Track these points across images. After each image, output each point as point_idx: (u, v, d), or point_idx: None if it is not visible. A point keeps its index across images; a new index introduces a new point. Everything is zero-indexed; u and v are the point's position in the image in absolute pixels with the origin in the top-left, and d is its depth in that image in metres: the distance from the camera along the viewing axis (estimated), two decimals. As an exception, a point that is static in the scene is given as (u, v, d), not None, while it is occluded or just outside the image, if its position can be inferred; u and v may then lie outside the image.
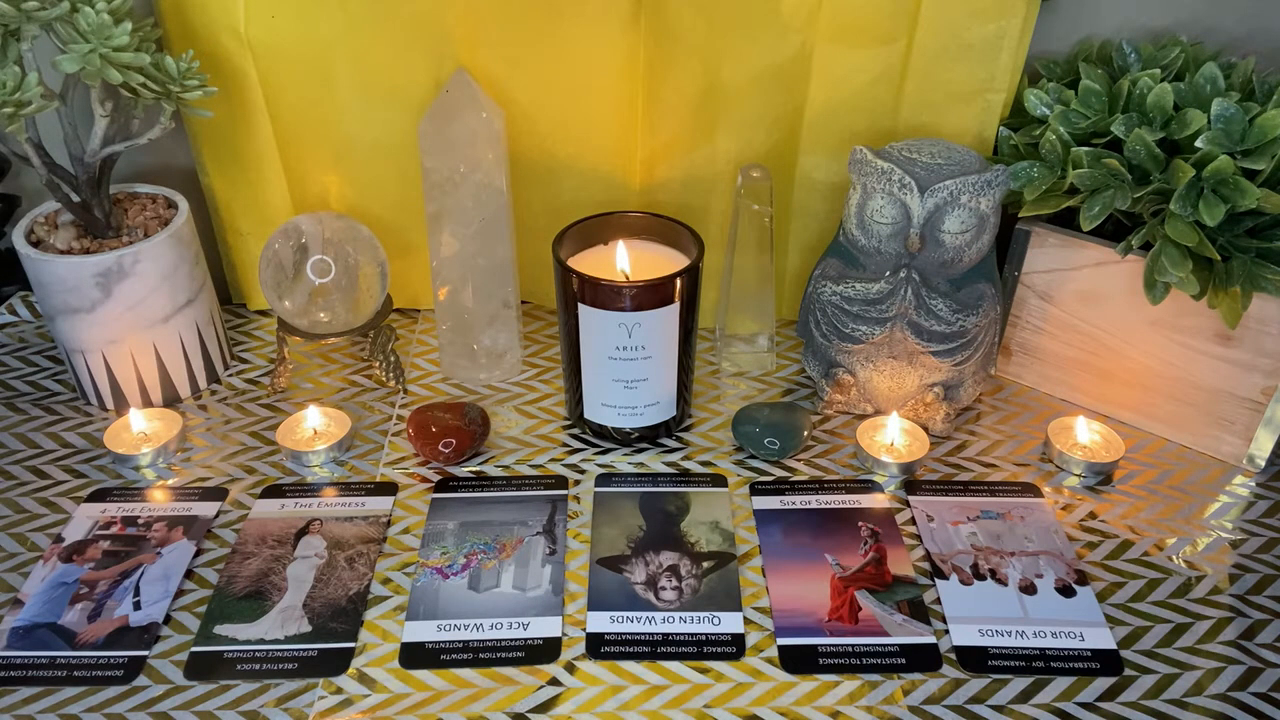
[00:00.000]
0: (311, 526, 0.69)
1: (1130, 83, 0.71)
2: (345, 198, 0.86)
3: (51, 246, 0.75)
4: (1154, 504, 0.72)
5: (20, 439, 0.77)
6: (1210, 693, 0.58)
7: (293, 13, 0.76)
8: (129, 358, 0.77)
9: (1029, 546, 0.68)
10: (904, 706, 0.58)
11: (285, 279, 0.77)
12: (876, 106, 0.80)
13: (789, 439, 0.76)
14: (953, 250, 0.71)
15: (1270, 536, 0.69)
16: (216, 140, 0.83)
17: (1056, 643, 0.61)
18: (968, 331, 0.73)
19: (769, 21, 0.75)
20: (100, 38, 0.65)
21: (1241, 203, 0.65)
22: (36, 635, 0.61)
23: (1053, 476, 0.74)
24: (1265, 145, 0.65)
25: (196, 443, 0.77)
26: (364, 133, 0.82)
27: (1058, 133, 0.72)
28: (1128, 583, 0.66)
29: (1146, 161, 0.68)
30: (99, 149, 0.73)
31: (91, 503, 0.71)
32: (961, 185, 0.69)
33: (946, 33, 0.75)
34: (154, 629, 0.62)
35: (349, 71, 0.79)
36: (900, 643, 0.61)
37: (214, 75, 0.75)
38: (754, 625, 0.63)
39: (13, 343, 0.88)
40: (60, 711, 0.57)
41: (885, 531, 0.69)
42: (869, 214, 0.72)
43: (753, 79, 0.78)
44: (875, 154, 0.71)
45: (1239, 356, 0.71)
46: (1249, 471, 0.75)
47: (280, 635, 0.61)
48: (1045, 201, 0.73)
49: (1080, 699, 0.58)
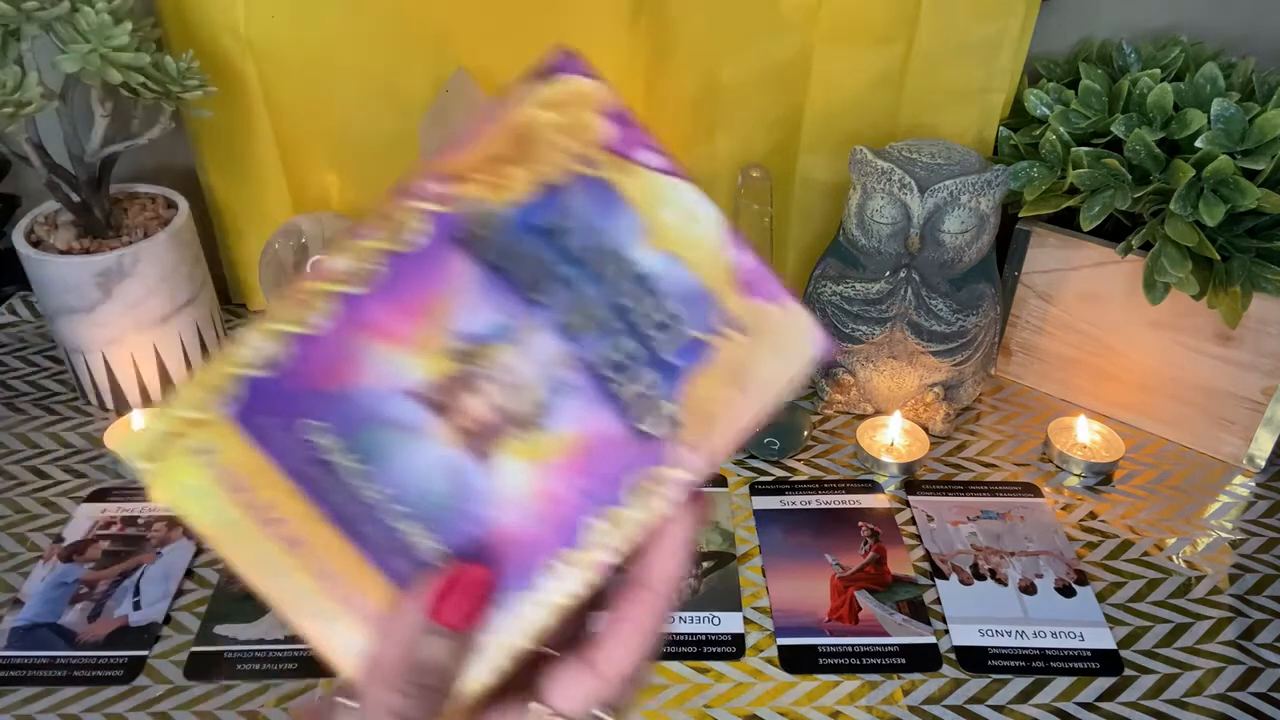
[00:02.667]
0: (311, 526, 0.69)
1: (1130, 83, 0.71)
2: (345, 198, 0.86)
3: (51, 246, 0.75)
4: (1154, 504, 0.72)
5: (20, 439, 0.77)
6: (1210, 693, 0.58)
7: (293, 13, 0.76)
8: (129, 358, 0.77)
9: (1029, 546, 0.68)
10: (904, 706, 0.58)
11: (285, 279, 0.77)
12: (876, 106, 0.79)
13: (789, 439, 0.76)
14: (953, 250, 0.71)
15: (1270, 536, 0.69)
16: (216, 140, 0.83)
17: (1056, 643, 0.61)
18: (968, 331, 0.73)
19: (769, 21, 0.75)
20: (100, 38, 0.65)
21: (1241, 203, 0.64)
22: (36, 635, 0.61)
23: (1053, 476, 0.74)
24: (1265, 145, 0.65)
25: (196, 443, 0.77)
26: (364, 133, 0.82)
27: (1058, 133, 0.72)
28: (1128, 583, 0.66)
29: (1146, 161, 0.68)
30: (99, 149, 0.73)
31: (91, 503, 0.71)
32: (961, 185, 0.69)
33: (946, 33, 0.75)
34: (154, 629, 0.62)
35: (349, 71, 0.79)
36: (900, 643, 0.61)
37: (214, 75, 0.75)
38: (754, 625, 0.63)
39: (13, 343, 0.88)
40: (60, 711, 0.57)
41: (885, 531, 0.69)
42: (869, 214, 0.72)
43: (753, 79, 0.78)
44: (875, 154, 0.71)
45: (1239, 356, 0.71)
46: (1249, 471, 0.75)
47: (280, 635, 0.61)
48: (1045, 201, 0.73)
49: (1080, 699, 0.58)
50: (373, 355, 0.29)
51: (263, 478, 0.29)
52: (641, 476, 0.29)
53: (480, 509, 0.29)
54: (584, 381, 0.29)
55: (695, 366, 0.29)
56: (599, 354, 0.29)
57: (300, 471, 0.29)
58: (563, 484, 0.29)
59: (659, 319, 0.29)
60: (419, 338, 0.29)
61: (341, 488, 0.29)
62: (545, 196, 0.29)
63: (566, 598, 0.30)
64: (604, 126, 0.29)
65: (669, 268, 0.29)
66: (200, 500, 0.29)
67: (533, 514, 0.29)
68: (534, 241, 0.29)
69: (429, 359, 0.29)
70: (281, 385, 0.29)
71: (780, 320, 0.30)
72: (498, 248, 0.29)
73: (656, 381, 0.29)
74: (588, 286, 0.29)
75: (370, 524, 0.29)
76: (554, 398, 0.29)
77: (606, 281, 0.29)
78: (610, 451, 0.29)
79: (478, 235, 0.29)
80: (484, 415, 0.29)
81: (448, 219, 0.29)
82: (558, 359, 0.29)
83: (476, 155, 0.29)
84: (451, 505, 0.29)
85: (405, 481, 0.29)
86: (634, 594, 0.30)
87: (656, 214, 0.29)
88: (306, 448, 0.29)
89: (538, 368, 0.29)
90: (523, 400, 0.29)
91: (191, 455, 0.29)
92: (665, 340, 0.29)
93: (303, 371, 0.29)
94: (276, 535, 0.29)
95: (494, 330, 0.29)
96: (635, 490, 0.29)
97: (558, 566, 0.29)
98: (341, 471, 0.29)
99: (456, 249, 0.29)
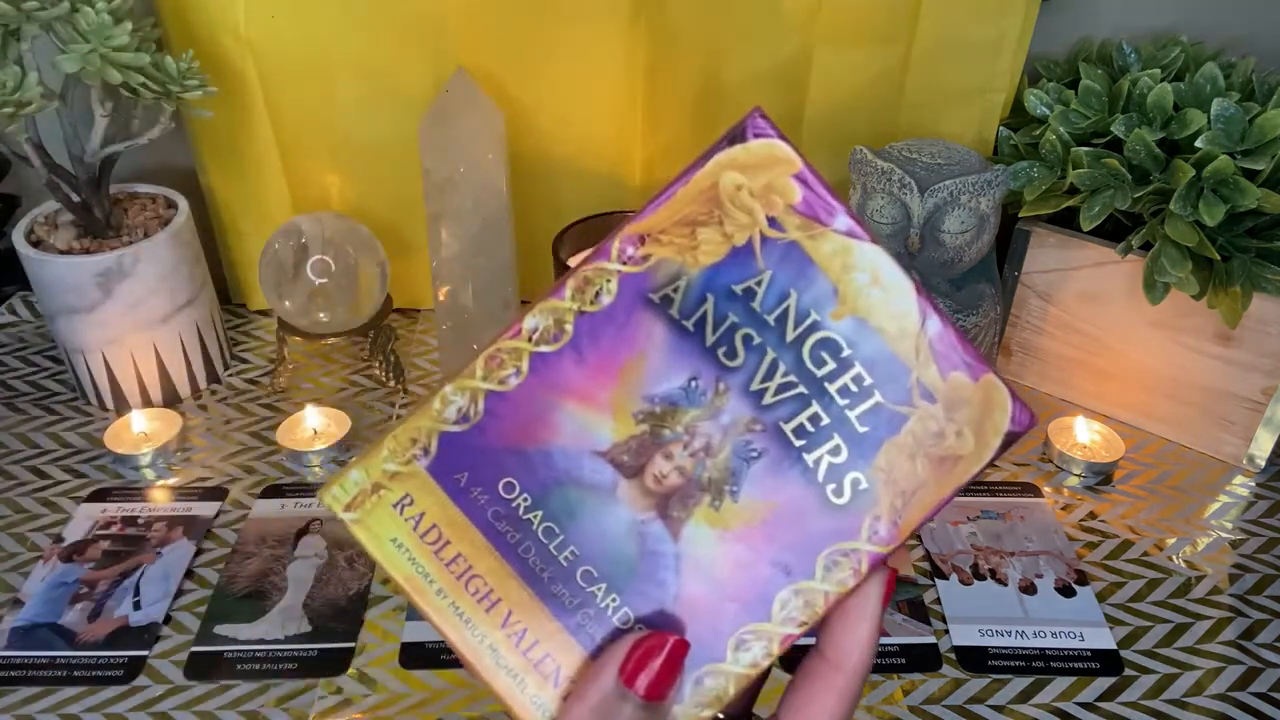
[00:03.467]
0: (311, 526, 0.69)
1: (1130, 83, 0.71)
2: (345, 198, 0.86)
3: (51, 246, 0.75)
4: (1154, 504, 0.72)
5: (20, 439, 0.77)
6: (1210, 693, 0.58)
7: (293, 13, 0.76)
8: (129, 358, 0.77)
9: (1029, 546, 0.68)
10: (904, 706, 0.58)
11: (285, 279, 0.77)
12: (876, 106, 0.80)
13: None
14: (953, 250, 0.71)
15: (1270, 536, 0.69)
16: (216, 140, 0.83)
17: (1056, 643, 0.61)
18: (968, 331, 0.73)
19: (769, 22, 0.75)
20: (100, 38, 0.65)
21: (1241, 203, 0.64)
22: (36, 635, 0.61)
23: (1053, 476, 0.74)
24: (1265, 145, 0.65)
25: (196, 443, 0.77)
26: (364, 133, 0.82)
27: (1058, 133, 0.72)
28: (1128, 583, 0.66)
29: (1146, 161, 0.68)
30: (99, 149, 0.73)
31: (91, 503, 0.71)
32: (961, 185, 0.69)
33: (946, 33, 0.75)
34: (154, 629, 0.62)
35: (349, 71, 0.79)
36: (900, 643, 0.61)
37: (214, 75, 0.75)
38: (754, 625, 0.63)
39: (13, 343, 0.88)
40: (60, 711, 0.57)
41: (885, 531, 0.69)
42: (869, 214, 0.72)
43: (753, 79, 0.78)
44: (875, 154, 0.71)
45: (1239, 356, 0.71)
46: (1249, 471, 0.75)
47: (280, 635, 0.61)
48: (1045, 201, 0.73)
49: (1080, 699, 0.58)
50: (564, 415, 0.29)
51: (458, 532, 0.30)
52: (833, 548, 0.29)
53: (670, 576, 0.29)
54: (774, 448, 0.29)
55: (887, 437, 0.29)
56: (789, 420, 0.29)
57: (493, 528, 0.30)
58: (752, 553, 0.29)
59: (850, 386, 0.29)
60: (609, 399, 0.29)
61: (534, 546, 0.29)
62: (735, 258, 0.29)
63: (752, 669, 0.30)
64: (794, 189, 0.29)
65: (859, 334, 0.29)
66: (397, 551, 0.30)
67: (721, 583, 0.29)
68: (723, 304, 0.29)
69: (619, 420, 0.29)
70: (476, 441, 0.29)
71: (975, 393, 0.29)
72: (687, 309, 0.29)
73: (847, 451, 0.29)
74: (777, 350, 0.29)
75: (562, 585, 0.29)
76: (743, 464, 0.29)
77: (796, 346, 0.29)
78: (801, 521, 0.29)
79: (668, 296, 0.29)
80: (673, 479, 0.29)
81: (639, 278, 0.29)
82: (747, 424, 0.29)
83: (667, 216, 0.29)
84: (639, 570, 0.29)
85: (594, 543, 0.29)
86: (825, 674, 0.30)
87: (846, 279, 0.29)
88: (499, 504, 0.29)
89: (727, 432, 0.29)
90: (712, 465, 0.29)
91: (391, 507, 0.30)
92: (856, 409, 0.29)
93: (496, 428, 0.29)
94: (470, 590, 0.30)
95: (683, 393, 0.29)
96: (826, 562, 0.29)
97: (748, 639, 0.30)
98: (535, 530, 0.29)
99: (647, 309, 0.29)
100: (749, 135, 0.29)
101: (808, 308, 0.29)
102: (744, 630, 0.30)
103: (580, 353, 0.29)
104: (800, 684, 0.30)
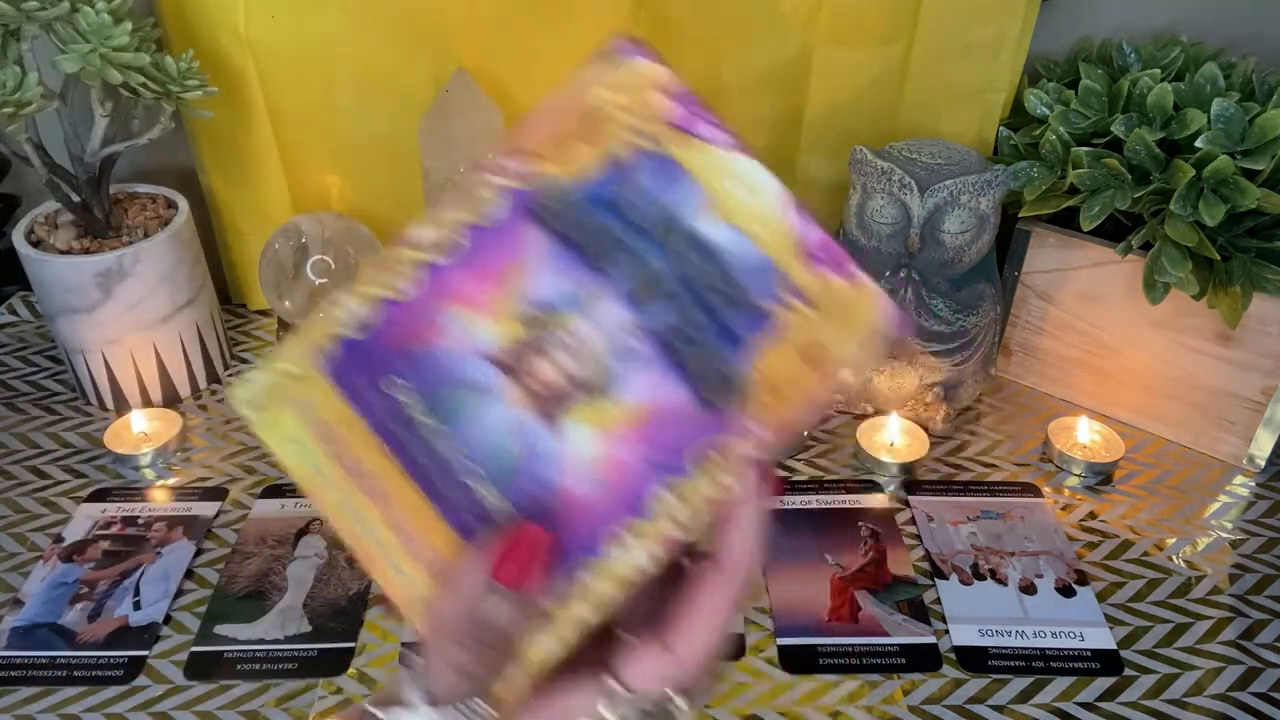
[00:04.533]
0: (311, 526, 0.69)
1: (1130, 83, 0.71)
2: (345, 198, 0.86)
3: (51, 246, 0.75)
4: (1154, 504, 0.72)
5: (20, 439, 0.77)
6: (1210, 693, 0.58)
7: (293, 13, 0.76)
8: (129, 358, 0.77)
9: (1029, 546, 0.68)
10: (904, 706, 0.58)
11: (285, 279, 0.77)
12: (876, 106, 0.80)
13: (789, 439, 0.76)
14: (953, 250, 0.71)
15: (1270, 536, 0.69)
16: (216, 140, 0.83)
17: (1056, 643, 0.61)
18: (967, 331, 0.73)
19: (769, 21, 0.75)
20: (100, 38, 0.65)
21: (1241, 203, 0.64)
22: (36, 635, 0.61)
23: (1053, 476, 0.74)
24: (1265, 145, 0.65)
25: (196, 443, 0.77)
26: (364, 133, 0.82)
27: (1058, 133, 0.72)
28: (1128, 583, 0.66)
29: (1146, 161, 0.68)
30: (99, 149, 0.73)
31: (91, 503, 0.71)
32: (961, 185, 0.69)
33: (946, 33, 0.75)
34: (154, 629, 0.62)
35: (349, 71, 0.79)
36: (900, 643, 0.61)
37: (214, 75, 0.75)
38: (754, 625, 0.63)
39: (13, 343, 0.88)
40: (60, 711, 0.57)
41: (885, 531, 0.69)
42: (869, 214, 0.72)
43: (753, 79, 0.78)
44: (875, 154, 0.71)
45: (1239, 356, 0.71)
46: (1249, 471, 0.75)
47: (280, 635, 0.61)
48: (1045, 201, 0.73)
49: (1080, 699, 0.58)
50: (451, 319, 0.30)
51: (353, 432, 0.31)
52: (707, 447, 0.30)
53: (547, 472, 0.30)
54: (651, 351, 0.30)
55: (762, 338, 0.30)
56: (665, 323, 0.30)
57: (385, 428, 0.31)
58: (629, 452, 0.30)
59: (724, 290, 0.30)
60: (493, 303, 0.30)
61: (421, 445, 0.30)
62: (611, 171, 0.30)
63: (633, 571, 0.30)
64: (666, 104, 0.30)
65: (733, 239, 0.30)
66: (297, 449, 0.31)
67: (599, 481, 0.30)
68: (601, 214, 0.30)
69: (502, 324, 0.30)
70: (371, 345, 0.31)
71: (848, 294, 0.30)
72: (567, 220, 0.30)
73: (723, 352, 0.30)
74: (653, 257, 0.30)
75: (447, 482, 0.30)
76: (621, 366, 0.30)
77: (672, 252, 0.30)
78: (677, 421, 0.30)
79: (549, 208, 0.30)
80: (553, 379, 0.30)
81: (522, 194, 0.30)
82: (625, 327, 0.30)
83: (547, 134, 0.30)
84: (520, 466, 0.30)
85: (477, 440, 0.30)
86: (707, 576, 0.30)
87: (719, 186, 0.30)
88: (391, 404, 0.31)
89: (606, 335, 0.30)
90: (591, 367, 0.30)
91: (291, 407, 0.31)
92: (731, 311, 0.30)
93: (390, 333, 0.31)
94: (362, 487, 0.31)
95: (564, 298, 0.30)
96: (701, 461, 0.30)
97: (624, 537, 0.30)
98: (421, 429, 0.30)
99: (530, 221, 0.30)
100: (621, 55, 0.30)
101: (681, 215, 0.30)
102: (620, 526, 0.30)
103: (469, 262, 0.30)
104: (686, 587, 0.31)
